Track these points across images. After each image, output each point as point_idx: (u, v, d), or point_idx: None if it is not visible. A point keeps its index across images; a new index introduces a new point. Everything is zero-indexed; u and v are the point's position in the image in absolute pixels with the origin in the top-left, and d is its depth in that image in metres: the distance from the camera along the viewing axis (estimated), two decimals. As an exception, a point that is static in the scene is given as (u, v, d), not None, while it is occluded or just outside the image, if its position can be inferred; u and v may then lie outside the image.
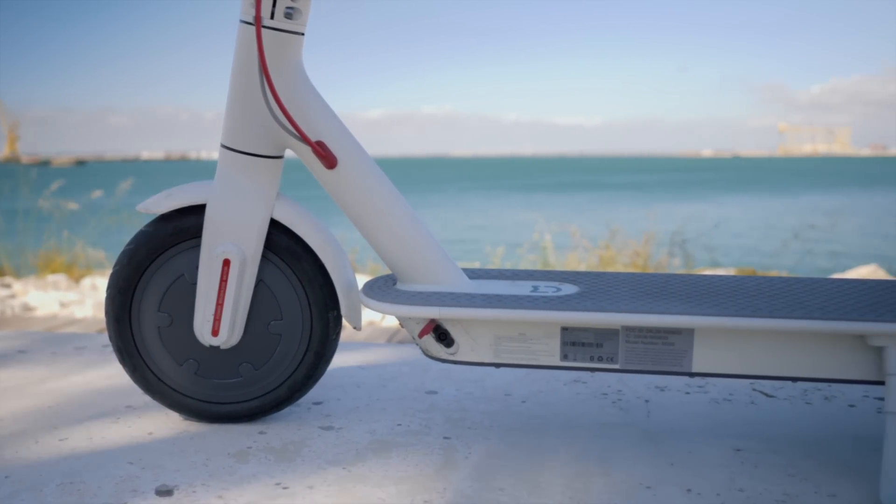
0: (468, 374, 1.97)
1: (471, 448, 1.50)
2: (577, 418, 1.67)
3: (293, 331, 1.57)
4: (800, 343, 1.35)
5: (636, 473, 1.39)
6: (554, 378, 1.94)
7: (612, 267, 6.37)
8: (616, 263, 6.46)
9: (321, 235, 1.54)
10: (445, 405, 1.75)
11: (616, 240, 6.66)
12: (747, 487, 1.34)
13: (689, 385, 1.89)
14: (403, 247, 1.48)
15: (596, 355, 1.40)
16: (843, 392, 1.84)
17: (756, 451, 1.49)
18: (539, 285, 1.52)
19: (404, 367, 2.05)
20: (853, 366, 1.34)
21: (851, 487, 1.34)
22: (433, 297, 1.43)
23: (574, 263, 6.35)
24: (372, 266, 6.84)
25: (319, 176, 1.49)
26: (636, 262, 6.48)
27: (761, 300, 1.39)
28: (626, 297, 1.42)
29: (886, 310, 1.32)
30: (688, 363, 1.38)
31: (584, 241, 6.65)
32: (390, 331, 4.64)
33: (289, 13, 1.43)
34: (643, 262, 6.49)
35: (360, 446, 1.51)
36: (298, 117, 1.45)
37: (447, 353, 1.45)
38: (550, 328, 1.40)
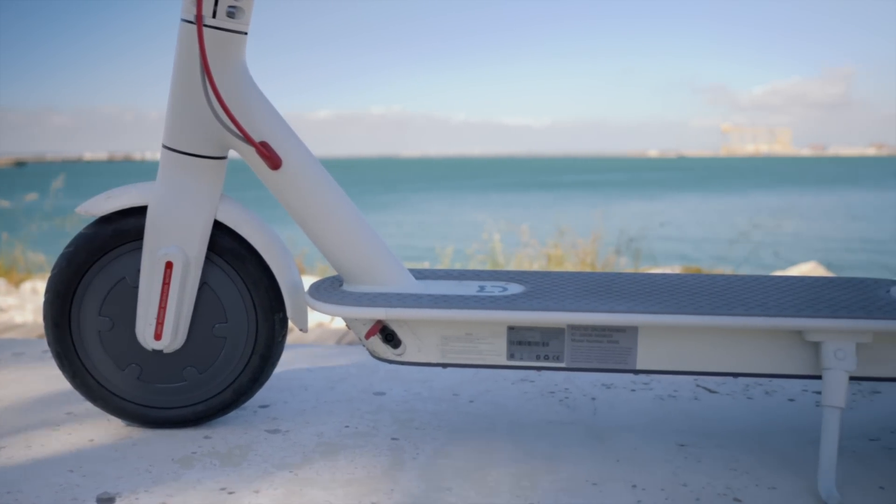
0: (416, 374, 1.97)
1: (419, 448, 1.50)
2: (525, 417, 1.68)
3: (238, 333, 1.55)
4: (741, 339, 1.37)
5: (582, 470, 1.40)
6: (501, 377, 1.95)
7: (561, 266, 6.43)
8: (565, 263, 6.52)
9: (266, 237, 1.52)
10: (393, 406, 1.74)
11: (564, 239, 6.72)
12: (691, 482, 1.36)
13: (635, 382, 1.92)
14: (349, 248, 1.47)
15: (542, 354, 1.41)
16: (783, 387, 1.88)
17: (699, 446, 1.51)
18: (485, 285, 1.52)
19: (352, 368, 2.04)
20: (792, 361, 1.37)
21: (791, 479, 1.37)
22: (379, 297, 1.42)
23: (523, 263, 6.39)
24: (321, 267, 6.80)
25: (263, 177, 1.47)
26: (584, 261, 6.55)
27: (703, 298, 1.42)
28: (572, 296, 1.43)
29: (823, 306, 1.36)
30: (632, 360, 1.39)
31: (532, 240, 6.70)
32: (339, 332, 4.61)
33: (231, 12, 1.41)
34: (591, 262, 6.56)
35: (307, 449, 1.49)
36: (241, 117, 1.44)
37: (394, 354, 1.45)
38: (497, 328, 1.41)
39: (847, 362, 1.31)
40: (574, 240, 6.80)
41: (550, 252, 6.50)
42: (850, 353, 1.31)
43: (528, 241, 6.55)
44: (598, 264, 6.62)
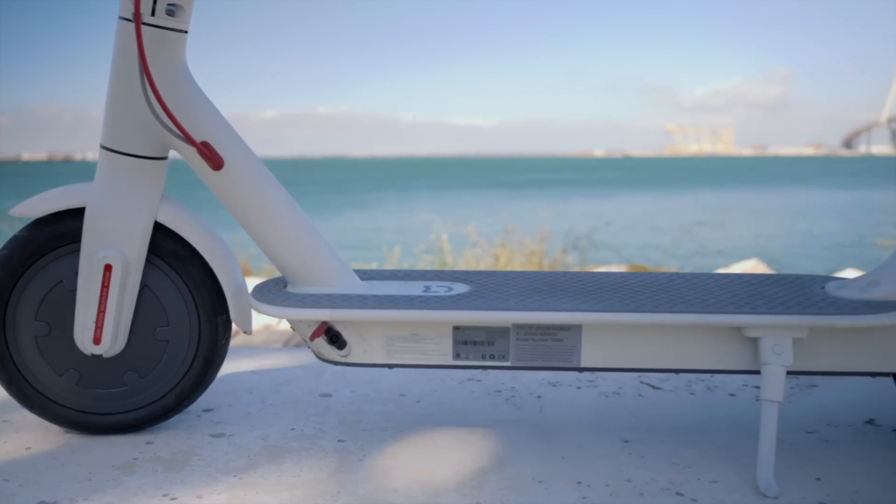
0: (363, 375, 1.96)
1: (365, 450, 1.49)
2: (472, 416, 1.68)
3: (180, 337, 1.53)
4: (682, 336, 1.40)
5: (528, 468, 1.41)
6: (449, 377, 1.95)
7: (509, 265, 6.47)
8: (513, 262, 6.56)
9: (208, 238, 1.50)
10: (340, 408, 1.73)
11: (511, 239, 6.76)
12: (634, 477, 1.38)
13: (581, 380, 1.93)
14: (293, 249, 1.46)
15: (488, 353, 1.41)
16: (724, 382, 1.92)
17: (643, 442, 1.53)
18: (431, 285, 1.52)
19: (299, 370, 2.02)
20: (732, 356, 1.40)
21: (732, 473, 1.39)
22: (324, 299, 1.42)
23: (471, 263, 6.41)
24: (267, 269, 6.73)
25: (205, 177, 1.45)
26: (532, 260, 6.60)
27: (645, 296, 1.44)
28: (517, 295, 1.44)
29: (761, 302, 1.38)
30: (576, 358, 1.41)
31: (480, 240, 6.73)
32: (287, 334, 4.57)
33: (170, 10, 1.39)
34: (538, 261, 6.61)
35: (252, 453, 1.48)
36: (182, 117, 1.41)
37: (339, 356, 1.44)
38: (442, 328, 1.41)
39: (784, 357, 1.34)
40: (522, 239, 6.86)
41: (498, 251, 6.53)
42: (786, 348, 1.34)
43: (475, 240, 6.58)
44: (545, 263, 6.67)
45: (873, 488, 1.33)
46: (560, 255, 6.94)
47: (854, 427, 1.62)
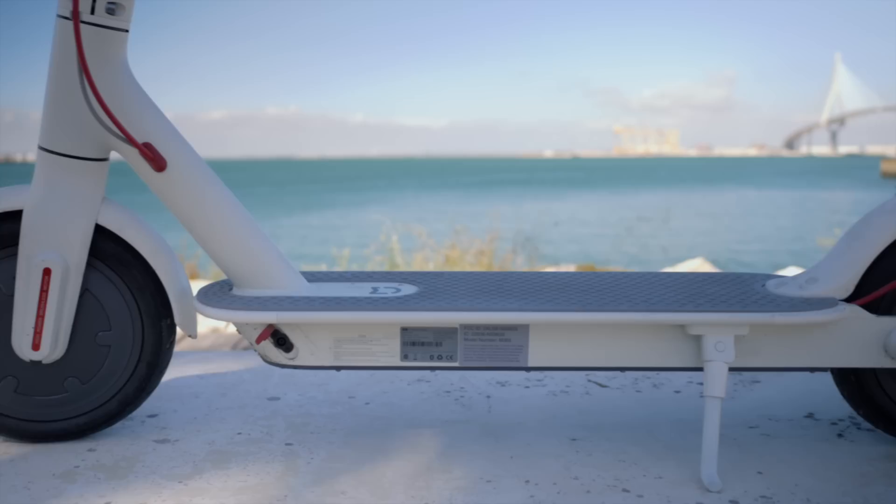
0: (312, 378, 1.95)
1: (313, 453, 1.48)
2: (421, 417, 1.68)
3: (123, 341, 1.50)
4: (628, 334, 1.41)
5: (477, 468, 1.42)
6: (398, 378, 1.95)
7: (459, 266, 6.48)
8: (462, 262, 6.58)
9: (151, 241, 1.47)
10: (288, 411, 1.72)
11: (461, 239, 6.78)
12: (581, 475, 1.39)
13: (529, 379, 1.95)
14: (238, 251, 1.44)
15: (436, 354, 1.41)
16: (669, 379, 1.95)
17: (590, 440, 1.55)
18: (379, 286, 1.52)
19: (246, 374, 2.00)
20: (676, 354, 1.42)
21: (676, 468, 1.41)
22: (270, 301, 1.40)
23: (421, 263, 6.41)
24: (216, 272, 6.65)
25: (148, 179, 1.43)
26: (482, 260, 6.62)
27: (592, 295, 1.45)
28: (464, 295, 1.44)
29: (703, 301, 1.41)
30: (524, 358, 1.42)
31: (430, 241, 6.73)
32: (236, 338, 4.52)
33: (110, 8, 1.36)
34: (488, 261, 6.64)
35: (197, 458, 1.46)
36: (123, 118, 1.39)
37: (286, 358, 1.43)
38: (390, 329, 1.41)
39: (726, 354, 1.36)
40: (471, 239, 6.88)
41: (448, 252, 6.55)
42: (728, 345, 1.36)
43: (425, 241, 6.58)
44: (495, 263, 6.70)
45: (812, 481, 1.36)
46: (510, 256, 6.98)
47: (794, 421, 1.65)
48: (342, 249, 6.55)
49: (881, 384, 1.46)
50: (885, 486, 1.34)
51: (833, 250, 1.48)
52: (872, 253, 1.41)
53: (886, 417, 1.48)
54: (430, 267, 6.43)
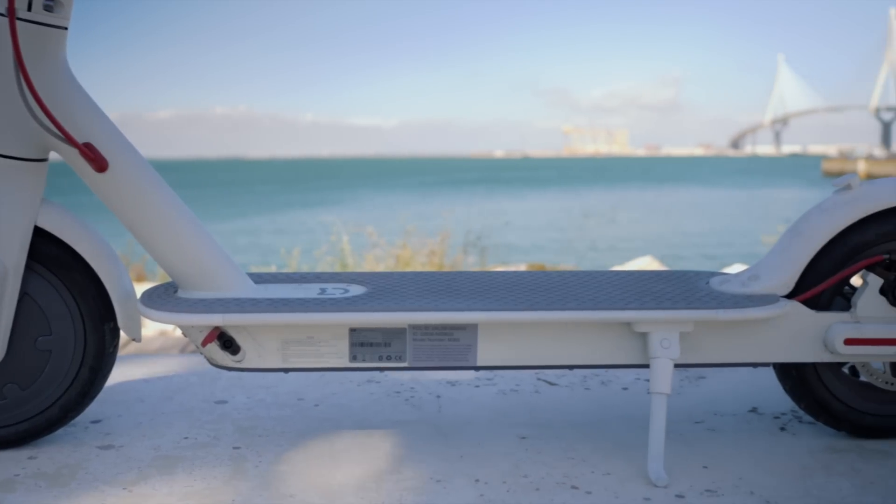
0: (260, 380, 1.93)
1: (261, 456, 1.47)
2: (370, 418, 1.68)
3: (64, 346, 1.47)
4: (576, 333, 1.42)
5: (427, 468, 1.42)
6: (348, 379, 1.94)
7: (410, 266, 6.48)
8: (414, 263, 6.58)
9: (93, 243, 1.44)
10: (236, 414, 1.70)
11: (412, 239, 6.77)
12: (531, 473, 1.40)
13: (479, 378, 1.95)
14: (182, 252, 1.41)
15: (385, 354, 1.41)
16: (617, 376, 1.97)
17: (539, 438, 1.56)
18: (327, 287, 1.51)
19: (193, 377, 1.97)
20: (623, 351, 1.44)
21: (624, 464, 1.43)
22: (216, 303, 1.38)
23: (372, 264, 6.39)
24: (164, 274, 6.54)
25: (89, 180, 1.40)
26: (433, 260, 6.62)
27: (540, 294, 1.46)
28: (413, 295, 1.44)
29: (650, 298, 1.43)
30: (473, 357, 1.42)
31: (381, 241, 6.71)
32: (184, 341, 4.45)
33: (48, 6, 1.33)
34: (439, 261, 6.64)
35: (142, 464, 1.43)
36: (62, 117, 1.36)
37: (233, 361, 1.41)
38: (338, 330, 1.40)
39: (671, 351, 1.38)
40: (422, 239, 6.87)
41: (399, 252, 6.53)
42: (674, 342, 1.38)
43: (376, 241, 6.56)
44: (446, 263, 6.71)
45: (756, 474, 1.39)
46: (461, 256, 6.99)
47: (739, 416, 1.68)
48: (292, 250, 6.50)
49: (821, 378, 1.50)
50: (826, 477, 1.38)
51: (774, 248, 1.51)
52: (811, 250, 1.44)
53: (826, 410, 1.51)
54: (381, 267, 6.41)
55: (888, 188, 1.45)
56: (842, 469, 1.41)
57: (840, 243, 1.45)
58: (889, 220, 1.44)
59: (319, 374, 1.98)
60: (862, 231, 1.45)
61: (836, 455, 1.47)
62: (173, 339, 4.94)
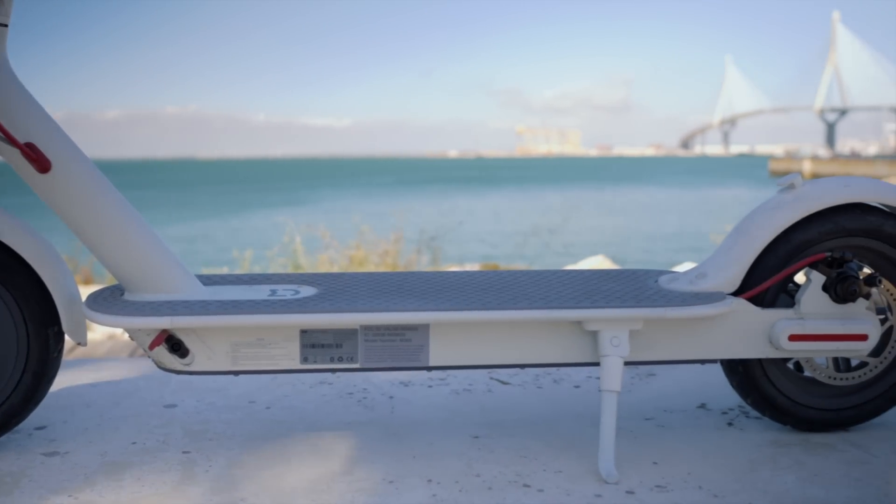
0: (211, 383, 1.90)
1: (211, 460, 1.45)
2: (322, 420, 1.67)
3: (6, 351, 1.43)
4: (527, 332, 1.43)
5: (379, 469, 1.41)
6: (300, 381, 1.92)
7: (364, 267, 6.45)
8: (367, 263, 6.55)
9: (35, 245, 1.41)
10: (185, 418, 1.67)
11: (366, 240, 6.74)
12: (483, 472, 1.40)
13: (432, 378, 1.95)
14: (128, 254, 1.39)
15: (336, 356, 1.40)
16: (570, 375, 1.99)
17: (492, 437, 1.56)
18: (277, 289, 1.49)
19: (141, 381, 1.94)
20: (574, 350, 1.45)
21: (575, 462, 1.44)
22: (163, 306, 1.36)
23: (325, 265, 6.35)
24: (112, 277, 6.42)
25: (31, 181, 1.36)
26: (386, 261, 6.60)
27: (491, 294, 1.47)
28: (364, 296, 1.44)
29: (599, 297, 1.44)
30: (425, 358, 1.42)
31: (334, 241, 6.68)
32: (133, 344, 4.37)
33: (-13, 3, 1.30)
34: (393, 261, 6.62)
35: (88, 471, 1.40)
36: (3, 117, 1.32)
37: (182, 364, 1.39)
38: (289, 332, 1.39)
39: (621, 349, 1.40)
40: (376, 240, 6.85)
41: (353, 253, 6.50)
42: (623, 340, 1.40)
43: (329, 242, 6.52)
44: (400, 264, 6.70)
45: (704, 469, 1.41)
46: (415, 256, 6.98)
47: (688, 412, 1.71)
48: (244, 251, 6.42)
49: (767, 374, 1.53)
50: (772, 471, 1.40)
51: (721, 246, 1.53)
52: (757, 248, 1.47)
53: (772, 405, 1.54)
54: (335, 268, 6.38)
55: (830, 188, 1.48)
56: (787, 462, 1.44)
57: (784, 241, 1.48)
58: (831, 219, 1.48)
59: (271, 376, 1.96)
60: (805, 229, 1.48)
61: (781, 449, 1.50)
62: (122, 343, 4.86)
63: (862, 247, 1.50)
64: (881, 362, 1.55)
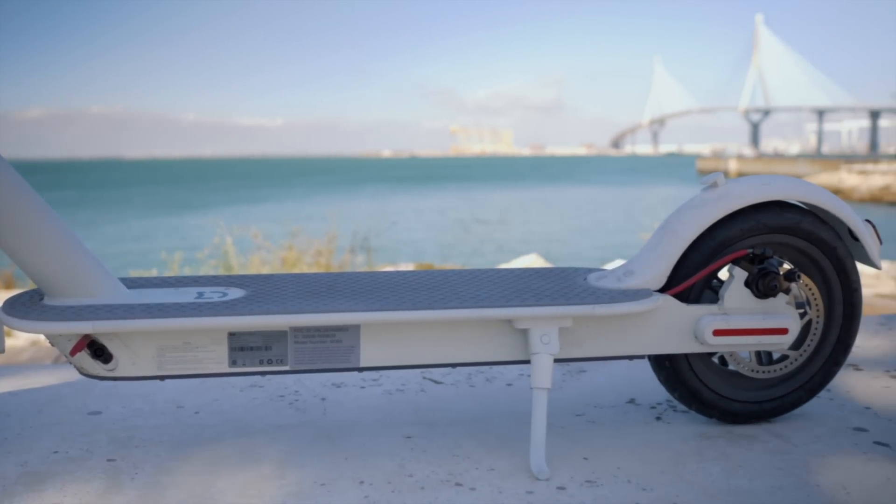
0: (137, 389, 1.86)
1: (138, 468, 1.41)
2: (253, 423, 1.64)
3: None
4: (458, 331, 1.43)
5: (311, 472, 1.40)
6: (230, 385, 1.89)
7: (297, 268, 6.39)
8: (300, 264, 6.49)
9: (-52, 250, 1.36)
10: (110, 425, 1.63)
11: (299, 240, 6.68)
12: (416, 472, 1.40)
13: (365, 379, 1.94)
14: (47, 258, 1.34)
15: (265, 358, 1.38)
16: (502, 373, 2.00)
17: (425, 437, 1.56)
18: (204, 291, 1.47)
19: (64, 388, 1.88)
20: (505, 348, 1.46)
21: (507, 459, 1.45)
22: (85, 310, 1.32)
23: (257, 267, 6.27)
24: (34, 280, 6.23)
25: (-58, 183, 1.31)
26: (319, 261, 6.56)
27: (422, 293, 1.46)
28: (293, 297, 1.42)
29: (530, 295, 1.45)
30: (356, 359, 1.41)
31: (267, 243, 6.60)
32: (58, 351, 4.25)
33: None
34: (327, 262, 6.58)
35: (7, 482, 1.36)
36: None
37: (105, 370, 1.35)
38: (217, 335, 1.36)
39: (551, 346, 1.41)
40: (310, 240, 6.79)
41: (285, 254, 6.44)
42: (553, 337, 1.41)
43: (261, 243, 6.44)
44: (334, 264, 6.66)
45: (633, 463, 1.43)
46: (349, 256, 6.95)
47: (617, 407, 1.74)
48: (173, 254, 6.30)
49: (693, 368, 1.56)
50: (698, 463, 1.44)
51: (647, 244, 1.56)
52: (682, 246, 1.50)
53: (698, 399, 1.57)
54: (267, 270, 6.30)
55: (751, 186, 1.52)
56: (712, 454, 1.47)
57: (708, 238, 1.51)
58: (752, 216, 1.52)
59: (200, 380, 1.92)
60: (728, 227, 1.52)
61: (707, 441, 1.53)
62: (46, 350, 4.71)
63: (782, 243, 1.55)
64: (801, 355, 1.59)
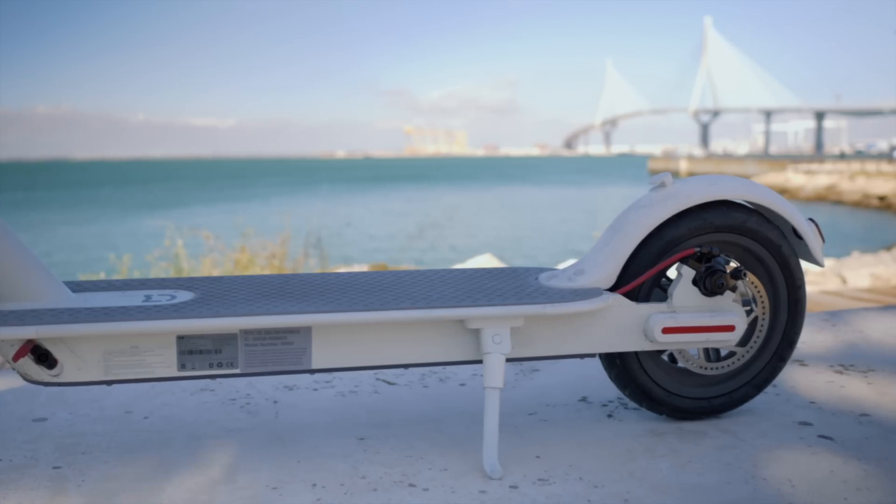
0: (84, 394, 1.82)
1: (84, 475, 1.39)
2: (203, 428, 1.62)
3: None
4: (410, 331, 1.43)
5: (262, 476, 1.38)
6: (180, 389, 1.87)
7: (250, 270, 6.32)
8: (253, 266, 6.43)
9: None
10: (56, 432, 1.60)
11: (252, 242, 6.61)
12: (369, 473, 1.39)
13: (318, 381, 1.93)
14: (-12, 262, 1.31)
15: (215, 362, 1.37)
16: (455, 373, 2.00)
17: (378, 438, 1.56)
18: (152, 294, 1.44)
19: (8, 395, 1.84)
20: (458, 348, 1.46)
21: (460, 459, 1.45)
22: (28, 315, 1.29)
23: (209, 269, 6.19)
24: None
25: None
26: (273, 263, 6.50)
27: (374, 294, 1.46)
28: (244, 300, 1.41)
29: (482, 295, 1.46)
30: (307, 361, 1.40)
31: (219, 244, 6.52)
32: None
33: None
34: (280, 264, 6.52)
35: (-52, 491, 1.32)
36: None
37: (50, 376, 1.33)
38: (165, 338, 1.34)
39: (503, 346, 1.42)
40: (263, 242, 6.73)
41: (237, 256, 6.36)
42: (505, 337, 1.42)
43: (213, 245, 6.36)
44: (287, 266, 6.60)
45: (585, 460, 1.45)
46: (302, 258, 6.89)
47: (569, 405, 1.75)
48: (122, 256, 6.18)
49: (643, 366, 1.58)
50: (648, 459, 1.45)
51: (597, 244, 1.57)
52: (631, 245, 1.52)
53: (648, 396, 1.59)
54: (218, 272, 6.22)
55: (698, 186, 1.54)
56: (662, 451, 1.49)
57: (657, 238, 1.53)
58: (699, 216, 1.54)
59: (150, 384, 1.89)
60: (676, 226, 1.54)
61: (657, 438, 1.55)
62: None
63: (728, 242, 1.57)
64: (748, 352, 1.62)
